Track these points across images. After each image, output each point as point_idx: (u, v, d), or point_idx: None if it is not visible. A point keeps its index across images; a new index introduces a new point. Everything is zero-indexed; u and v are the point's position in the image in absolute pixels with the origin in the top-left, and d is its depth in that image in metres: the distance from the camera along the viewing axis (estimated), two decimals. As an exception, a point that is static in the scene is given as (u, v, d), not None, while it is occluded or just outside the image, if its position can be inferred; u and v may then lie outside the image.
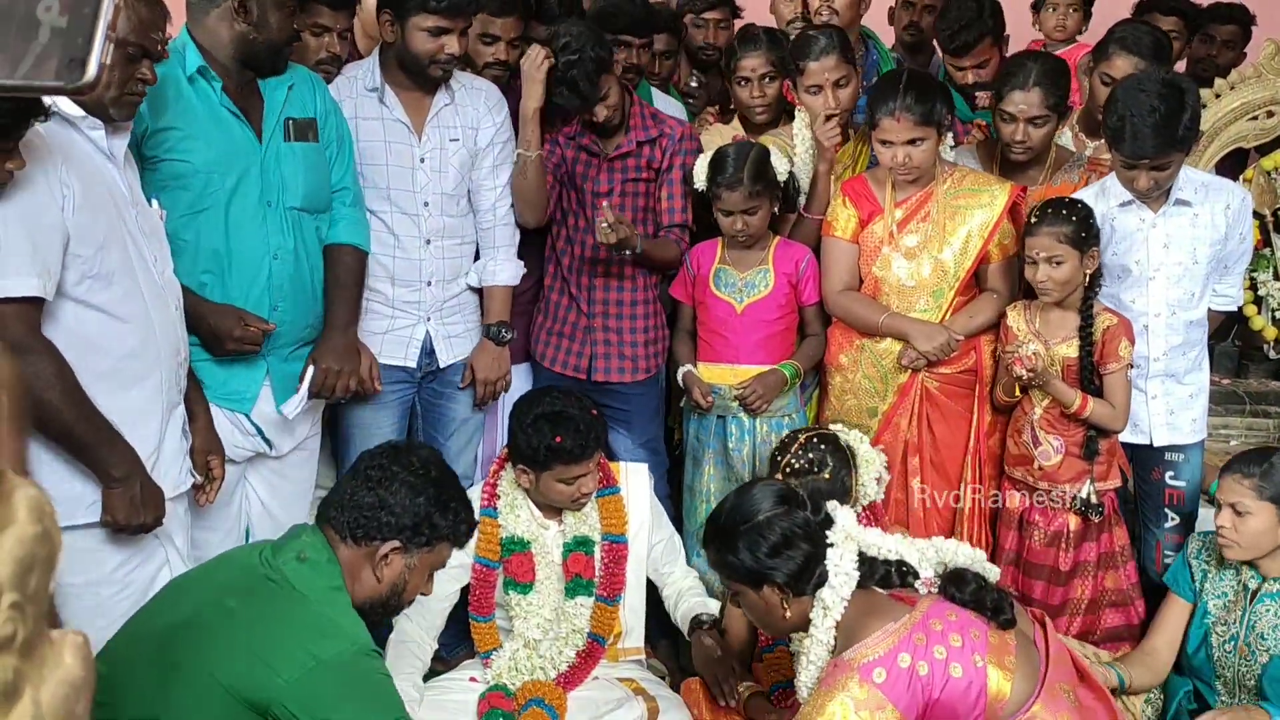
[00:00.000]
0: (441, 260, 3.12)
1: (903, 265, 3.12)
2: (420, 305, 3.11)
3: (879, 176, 3.16)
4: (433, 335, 3.15)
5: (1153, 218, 3.01)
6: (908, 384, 3.15)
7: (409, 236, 3.06)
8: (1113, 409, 2.95)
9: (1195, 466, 3.18)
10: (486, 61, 3.25)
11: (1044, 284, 2.91)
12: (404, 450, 2.13)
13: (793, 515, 2.20)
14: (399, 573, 2.05)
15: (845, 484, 2.87)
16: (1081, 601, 3.05)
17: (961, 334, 3.09)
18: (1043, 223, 2.89)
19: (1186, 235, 3.01)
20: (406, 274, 3.07)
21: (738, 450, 3.25)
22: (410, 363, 3.14)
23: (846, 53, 3.28)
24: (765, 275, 3.23)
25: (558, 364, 3.37)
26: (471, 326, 3.24)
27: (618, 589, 2.87)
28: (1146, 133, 2.78)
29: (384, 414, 3.13)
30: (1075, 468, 2.99)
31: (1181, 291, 3.04)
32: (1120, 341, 2.93)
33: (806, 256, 3.25)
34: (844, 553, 2.18)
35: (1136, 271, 3.03)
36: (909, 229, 3.12)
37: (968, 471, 3.18)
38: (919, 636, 2.07)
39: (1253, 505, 2.62)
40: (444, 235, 3.11)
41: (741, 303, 3.23)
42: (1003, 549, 3.11)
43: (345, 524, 2.02)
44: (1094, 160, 3.33)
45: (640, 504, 2.97)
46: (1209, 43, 4.46)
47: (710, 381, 3.26)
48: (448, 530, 2.09)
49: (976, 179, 3.16)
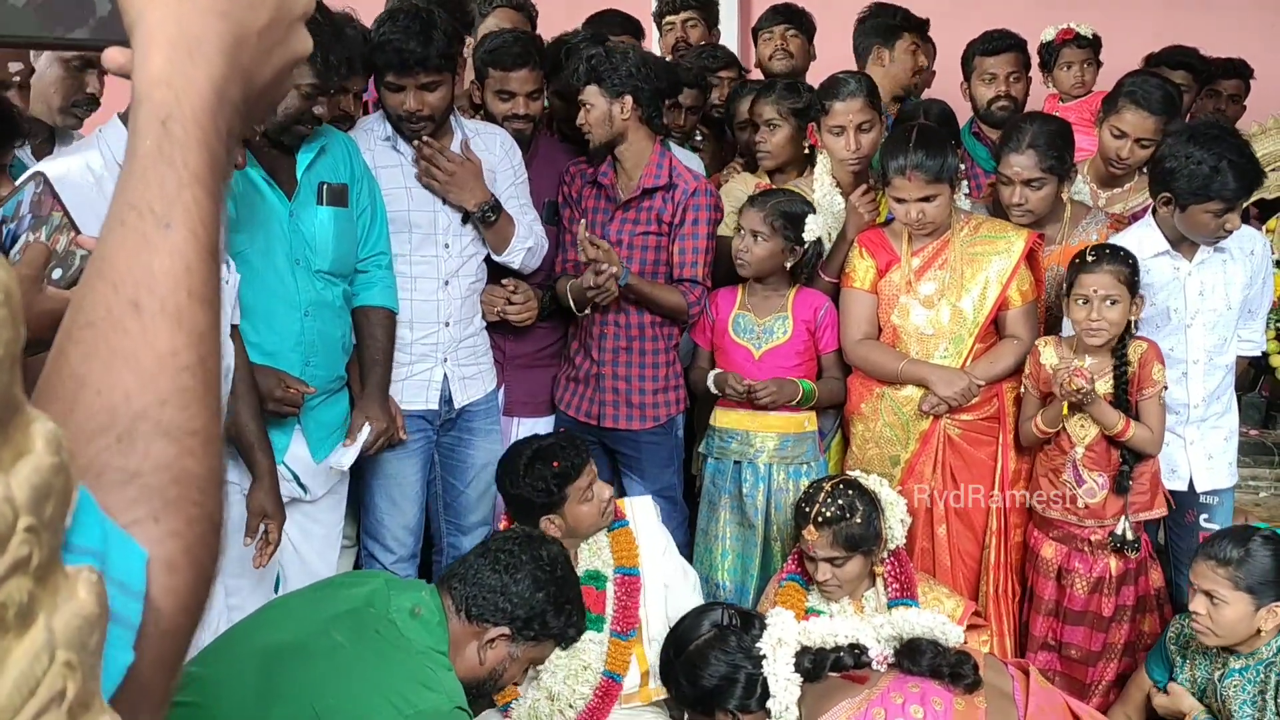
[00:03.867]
0: (459, 300, 3.16)
1: (921, 313, 3.14)
2: (438, 347, 3.14)
3: (895, 229, 3.18)
4: (449, 377, 3.17)
5: (1188, 266, 3.06)
6: (929, 431, 3.14)
7: (426, 279, 3.10)
8: (1150, 432, 2.94)
9: (1228, 510, 3.19)
10: (507, 116, 3.30)
11: (1096, 324, 2.88)
12: (536, 542, 2.18)
13: (725, 640, 2.24)
14: (501, 659, 2.07)
15: (876, 528, 2.85)
16: (1118, 646, 3.03)
17: (983, 379, 3.09)
18: (1102, 261, 2.88)
19: (1220, 281, 3.07)
20: (425, 316, 3.11)
21: (751, 496, 3.24)
22: (432, 406, 3.16)
23: (873, 99, 3.33)
24: (784, 322, 3.25)
25: (572, 408, 3.40)
26: (484, 368, 3.28)
27: (631, 623, 2.83)
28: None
29: (409, 462, 3.15)
30: (1118, 503, 2.98)
31: (1216, 337, 3.10)
32: (1153, 365, 2.94)
33: (825, 305, 3.26)
34: (779, 660, 2.20)
35: (1175, 320, 3.06)
36: (926, 277, 3.14)
37: (993, 520, 3.15)
38: (877, 712, 2.07)
39: (1228, 595, 2.52)
40: (460, 275, 3.16)
41: (760, 349, 3.25)
42: (1040, 599, 3.08)
43: (464, 598, 2.05)
44: (1116, 218, 3.35)
45: (650, 535, 2.95)
46: (1215, 97, 4.50)
47: (727, 427, 3.27)
48: (557, 630, 2.12)
49: (993, 226, 3.18)
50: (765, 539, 3.26)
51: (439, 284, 3.12)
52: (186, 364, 0.63)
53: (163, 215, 0.64)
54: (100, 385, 0.61)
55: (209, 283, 0.65)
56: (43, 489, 0.50)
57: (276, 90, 0.72)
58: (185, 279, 0.64)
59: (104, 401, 0.61)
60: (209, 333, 0.65)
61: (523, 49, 3.23)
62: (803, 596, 2.94)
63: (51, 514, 0.50)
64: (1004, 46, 3.95)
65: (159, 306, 0.63)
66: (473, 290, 3.21)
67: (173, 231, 0.64)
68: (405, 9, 2.97)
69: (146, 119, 0.65)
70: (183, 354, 0.63)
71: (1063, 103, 4.12)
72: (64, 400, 0.61)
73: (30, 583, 0.48)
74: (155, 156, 0.64)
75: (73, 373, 0.62)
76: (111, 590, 0.55)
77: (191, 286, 0.64)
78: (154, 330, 0.62)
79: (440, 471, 3.31)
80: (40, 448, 0.50)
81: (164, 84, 0.65)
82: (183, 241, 0.64)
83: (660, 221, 3.29)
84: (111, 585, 0.55)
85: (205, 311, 0.65)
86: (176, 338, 0.63)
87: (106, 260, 0.63)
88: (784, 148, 3.53)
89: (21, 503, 0.48)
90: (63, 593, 0.51)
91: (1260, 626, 2.52)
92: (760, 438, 3.24)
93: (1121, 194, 3.54)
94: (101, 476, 0.60)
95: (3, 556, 0.47)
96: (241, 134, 0.69)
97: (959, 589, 3.09)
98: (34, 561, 0.48)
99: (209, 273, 0.65)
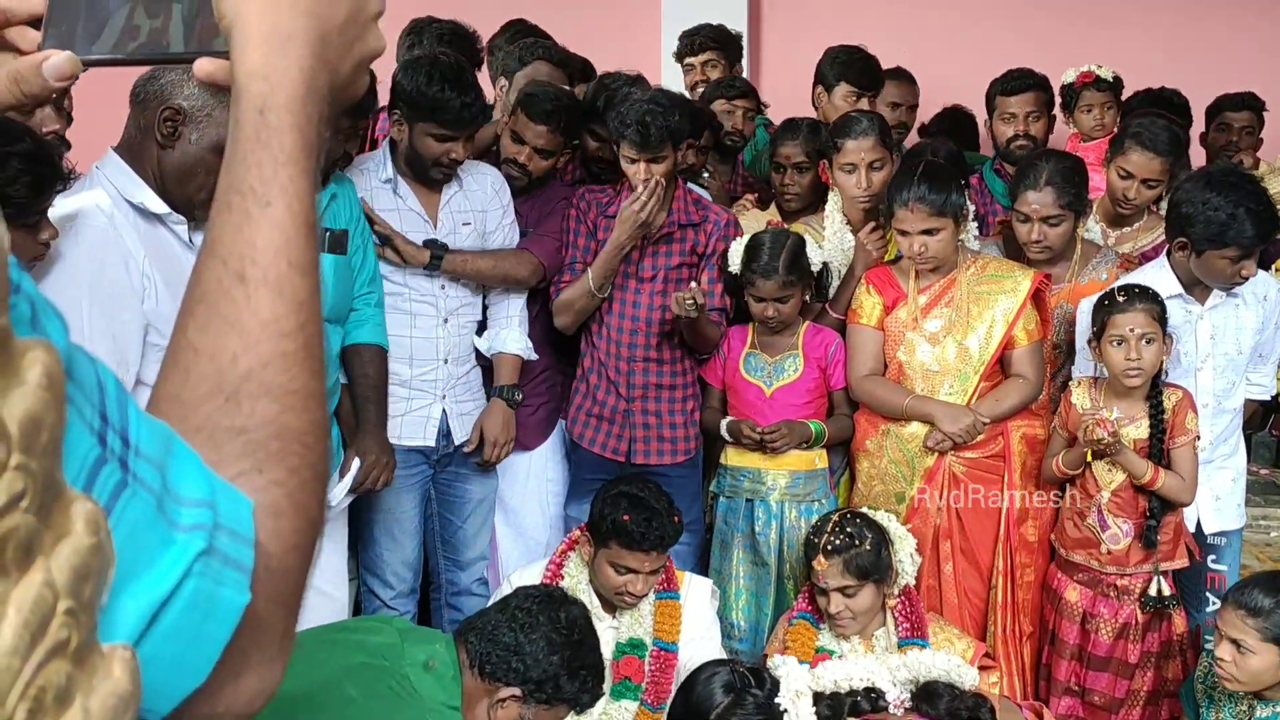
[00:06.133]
0: (458, 337, 3.19)
1: (927, 350, 3.15)
2: (436, 384, 3.16)
3: (903, 266, 3.20)
4: (448, 413, 3.19)
5: (1200, 310, 3.07)
6: (934, 468, 3.14)
7: (426, 316, 3.13)
8: (1182, 480, 2.93)
9: (1236, 551, 3.19)
10: (508, 158, 3.33)
11: (1135, 363, 2.87)
12: (556, 602, 2.15)
13: (743, 701, 2.20)
14: (511, 719, 2.05)
15: (885, 557, 2.86)
16: (1142, 693, 3.01)
17: (988, 417, 3.09)
18: (1134, 300, 2.88)
19: (1231, 326, 3.07)
20: (424, 352, 3.13)
21: (764, 534, 3.24)
22: (430, 442, 3.18)
23: (886, 138, 3.36)
24: (795, 360, 3.26)
25: (597, 445, 3.38)
26: (480, 404, 3.29)
27: (663, 697, 2.82)
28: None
29: (406, 498, 3.16)
30: (1142, 553, 2.97)
31: (1226, 381, 3.09)
32: (1187, 414, 2.94)
33: (836, 342, 3.28)
34: (799, 713, 2.17)
35: (1185, 363, 3.06)
36: (933, 314, 3.15)
37: (1000, 560, 3.15)
38: None
39: (1255, 646, 2.49)
40: (460, 313, 3.19)
41: (771, 386, 3.25)
42: (1064, 642, 3.07)
43: (478, 654, 2.03)
44: (1125, 257, 3.36)
45: (696, 618, 2.95)
46: (1226, 130, 4.51)
47: (739, 465, 3.27)
48: (570, 695, 2.09)
49: (1000, 265, 3.20)
50: (778, 577, 3.25)
51: (438, 321, 3.15)
52: (287, 329, 0.69)
53: (262, 195, 0.70)
54: (212, 352, 0.67)
55: (307, 253, 0.71)
56: (81, 570, 0.51)
57: (356, 82, 0.79)
58: (285, 250, 0.69)
59: (214, 366, 0.67)
60: (309, 300, 0.70)
61: (554, 109, 3.26)
62: (813, 635, 2.93)
63: (89, 595, 0.51)
64: (1024, 86, 3.97)
65: (261, 276, 0.68)
66: (471, 328, 3.24)
67: (272, 208, 0.70)
68: (440, 63, 3.01)
69: (246, 109, 0.71)
70: (284, 320, 0.69)
71: (1084, 142, 4.13)
72: (182, 369, 0.68)
73: (69, 665, 0.49)
74: (254, 142, 0.70)
75: (189, 344, 0.68)
76: (224, 537, 0.61)
77: (291, 257, 0.69)
78: (257, 299, 0.68)
79: (437, 508, 3.31)
80: (80, 529, 0.51)
81: (260, 77, 0.71)
82: (281, 216, 0.70)
83: (694, 254, 3.32)
84: (223, 532, 0.61)
85: (304, 280, 0.70)
86: (278, 305, 0.68)
87: (216, 240, 0.70)
88: (811, 189, 3.55)
89: (62, 586, 0.49)
90: (99, 673, 0.52)
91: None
92: (772, 475, 3.24)
93: (1130, 234, 3.56)
94: (213, 435, 0.66)
95: (43, 641, 0.48)
96: (329, 120, 0.75)
97: (966, 628, 3.08)
98: (72, 644, 0.49)
99: (307, 244, 0.71)
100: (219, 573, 0.60)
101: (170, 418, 0.65)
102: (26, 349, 0.50)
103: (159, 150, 2.23)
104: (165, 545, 0.58)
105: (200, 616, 0.59)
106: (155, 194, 2.25)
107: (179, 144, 2.22)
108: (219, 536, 0.60)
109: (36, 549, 0.49)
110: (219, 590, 0.60)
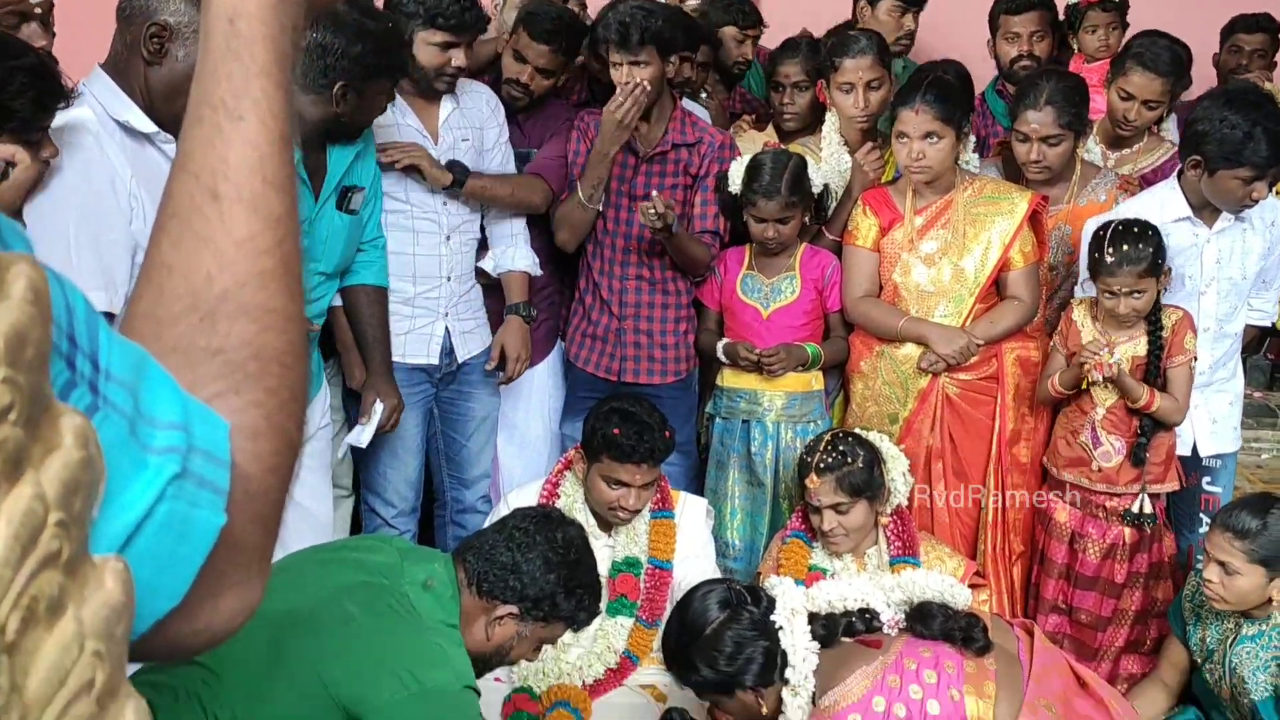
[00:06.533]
0: (460, 254, 3.19)
1: (922, 271, 3.14)
2: (439, 301, 3.17)
3: (900, 187, 3.19)
4: (450, 331, 3.21)
5: (1207, 233, 3.05)
6: (928, 389, 3.16)
7: (428, 234, 3.12)
8: (1176, 401, 2.95)
9: (1231, 474, 3.21)
10: (509, 78, 3.29)
11: (1126, 314, 2.91)
12: (553, 522, 2.15)
13: (738, 617, 2.21)
14: (509, 636, 2.06)
15: (877, 475, 2.88)
16: (1129, 612, 3.05)
17: (982, 339, 3.10)
18: (1121, 263, 2.85)
19: (1238, 250, 3.06)
20: (427, 270, 3.13)
21: (760, 455, 3.27)
22: (433, 360, 3.19)
23: (883, 57, 3.32)
24: (792, 281, 3.25)
25: (590, 365, 3.40)
26: (481, 322, 3.31)
27: (658, 614, 2.87)
28: None
29: (410, 416, 3.17)
30: (1132, 472, 2.99)
31: (1228, 306, 3.09)
32: (1186, 334, 2.95)
33: (833, 264, 3.27)
34: (794, 630, 2.19)
35: (1189, 286, 3.06)
36: (929, 235, 3.14)
37: (990, 479, 3.18)
38: (893, 678, 2.07)
39: (1242, 567, 2.52)
40: (461, 230, 3.19)
41: (768, 308, 3.25)
42: (1052, 562, 3.11)
43: (476, 573, 2.04)
44: (1125, 179, 3.33)
45: (691, 536, 2.97)
46: (1238, 53, 4.44)
47: (735, 386, 3.28)
48: (567, 613, 2.10)
49: (997, 187, 3.18)
50: (774, 497, 3.29)
51: (441, 239, 3.14)
52: (264, 247, 0.67)
53: (234, 108, 0.68)
54: (186, 270, 0.66)
55: (283, 169, 0.69)
56: (71, 484, 0.51)
57: None
58: (260, 167, 0.68)
59: (189, 285, 0.66)
60: (285, 217, 0.68)
61: (556, 28, 3.22)
62: (806, 553, 2.97)
63: (80, 508, 0.52)
64: (1028, 5, 3.90)
65: (235, 194, 0.67)
66: (472, 246, 3.25)
67: (245, 123, 0.68)
68: None
69: (216, 17, 0.69)
70: (260, 238, 0.67)
71: (1088, 63, 4.07)
72: (155, 286, 0.66)
73: (60, 576, 0.50)
74: (225, 52, 0.68)
75: (163, 260, 0.66)
76: (198, 459, 0.60)
77: (266, 173, 0.68)
78: (232, 216, 0.66)
79: (441, 426, 3.34)
80: (69, 442, 0.51)
81: None
82: (255, 132, 0.68)
83: (687, 174, 3.29)
84: (197, 454, 0.60)
85: (280, 197, 0.68)
86: (253, 222, 0.67)
87: (187, 154, 0.68)
88: (809, 109, 3.51)
89: (52, 499, 0.49)
90: (91, 583, 0.52)
91: (1272, 595, 2.52)
92: (768, 396, 3.26)
93: (1130, 155, 3.53)
94: (189, 355, 0.65)
95: (34, 552, 0.48)
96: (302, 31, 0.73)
97: (957, 547, 3.13)
98: (64, 556, 0.50)
99: (282, 160, 0.69)
100: (194, 495, 0.59)
101: (145, 337, 0.64)
102: (10, 263, 0.50)
103: (146, 68, 2.20)
104: (138, 468, 0.57)
105: (174, 539, 0.59)
106: (143, 112, 2.22)
107: (166, 61, 2.18)
108: (193, 459, 0.60)
109: (25, 462, 0.49)
110: (194, 513, 0.59)
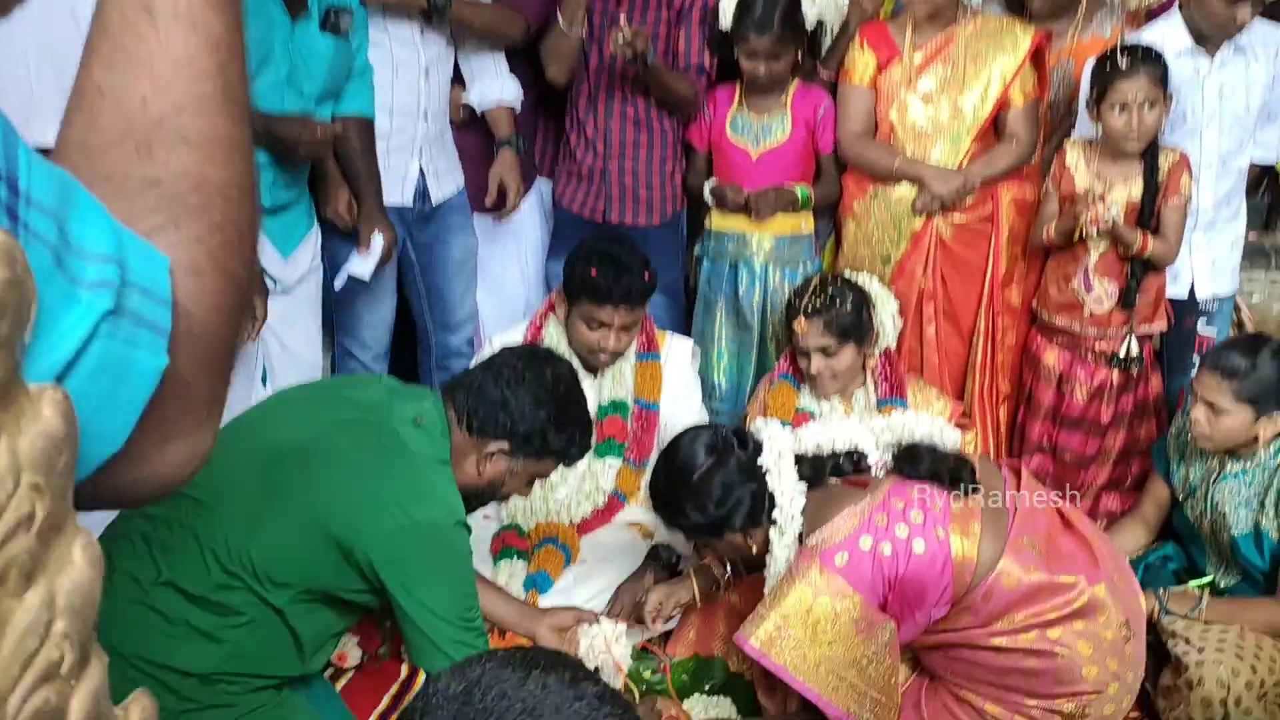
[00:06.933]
0: (437, 92, 3.12)
1: (920, 109, 3.06)
2: (414, 139, 3.10)
3: (899, 22, 3.08)
4: (425, 172, 3.15)
5: (1209, 66, 2.97)
6: (921, 231, 3.12)
7: (407, 67, 3.04)
8: (1168, 243, 2.92)
9: (1227, 316, 3.20)
10: None
11: (1136, 131, 2.81)
12: (542, 360, 2.13)
13: (726, 461, 2.21)
14: (500, 472, 2.07)
15: (865, 318, 2.87)
16: (1113, 451, 3.09)
17: (978, 179, 3.04)
18: (1137, 65, 2.77)
19: (1241, 83, 2.98)
20: (405, 106, 3.06)
21: (747, 297, 3.25)
22: (407, 201, 3.14)
23: None
24: (783, 120, 3.17)
25: (576, 204, 3.35)
26: (454, 164, 3.25)
27: (646, 454, 2.89)
28: None
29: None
30: (1123, 315, 2.99)
31: (1232, 141, 3.03)
32: (1182, 174, 2.90)
33: (826, 103, 3.18)
34: (781, 473, 2.19)
35: (1190, 121, 2.99)
36: (928, 72, 3.05)
37: (981, 321, 3.17)
38: (880, 517, 2.08)
39: (1229, 406, 2.50)
40: (439, 65, 3.10)
41: (757, 149, 3.18)
42: (1039, 404, 3.12)
43: (466, 410, 2.03)
44: (1131, 14, 3.21)
45: (676, 377, 2.97)
46: None
47: (723, 228, 3.24)
48: (558, 448, 2.09)
49: (1000, 23, 3.08)
50: (761, 339, 3.29)
51: (419, 72, 3.05)
52: (204, 70, 0.62)
53: None
54: (119, 94, 0.61)
55: None
56: None
57: None
58: None
59: (122, 110, 0.61)
60: (226, 36, 0.63)
61: None
62: (793, 396, 2.98)
63: (6, 331, 0.48)
64: None
65: (171, 10, 0.61)
66: (447, 84, 3.17)
67: None
68: None
69: None
70: (199, 59, 0.62)
71: None
72: (86, 112, 0.61)
73: None
74: None
75: (94, 84, 0.61)
76: (135, 296, 0.56)
77: None
78: (168, 35, 0.61)
79: (420, 272, 3.30)
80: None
81: None
82: None
83: (670, 8, 3.18)
84: (134, 291, 0.56)
85: (221, 16, 0.63)
86: (191, 43, 0.61)
87: None
88: None
89: None
90: (27, 414, 0.49)
91: (1258, 434, 2.53)
92: (757, 239, 3.21)
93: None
94: (123, 185, 0.60)
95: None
96: None
97: (945, 388, 3.14)
98: None
99: None
100: (131, 334, 0.56)
101: (77, 167, 0.60)
102: None
103: None
104: (68, 302, 0.53)
105: (112, 380, 0.55)
106: None
107: None
108: (129, 295, 0.56)
109: None
110: (132, 353, 0.56)
